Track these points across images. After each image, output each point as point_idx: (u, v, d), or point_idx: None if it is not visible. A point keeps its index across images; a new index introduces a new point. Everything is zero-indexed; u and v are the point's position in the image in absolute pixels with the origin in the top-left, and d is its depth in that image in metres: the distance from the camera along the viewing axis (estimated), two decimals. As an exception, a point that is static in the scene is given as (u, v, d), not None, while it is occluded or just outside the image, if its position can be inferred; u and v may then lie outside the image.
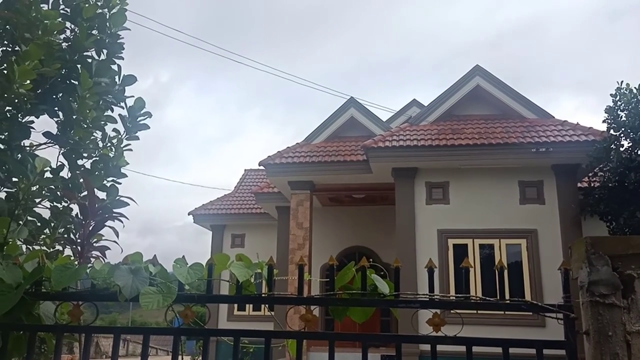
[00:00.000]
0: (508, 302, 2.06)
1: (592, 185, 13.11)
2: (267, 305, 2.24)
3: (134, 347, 28.24)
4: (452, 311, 2.15)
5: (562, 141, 12.23)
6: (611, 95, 11.79)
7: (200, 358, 18.57)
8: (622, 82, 11.76)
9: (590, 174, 12.83)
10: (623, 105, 11.63)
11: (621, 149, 11.53)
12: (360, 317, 2.26)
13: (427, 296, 2.11)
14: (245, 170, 22.43)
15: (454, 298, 2.14)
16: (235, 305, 17.73)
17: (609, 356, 1.91)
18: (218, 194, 20.70)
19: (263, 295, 2.17)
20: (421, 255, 12.42)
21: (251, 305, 16.66)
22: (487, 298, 2.09)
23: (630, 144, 11.46)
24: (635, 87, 11.59)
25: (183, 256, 2.25)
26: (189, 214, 19.06)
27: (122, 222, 2.94)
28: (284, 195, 15.43)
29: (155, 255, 2.27)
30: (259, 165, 14.15)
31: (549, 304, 2.04)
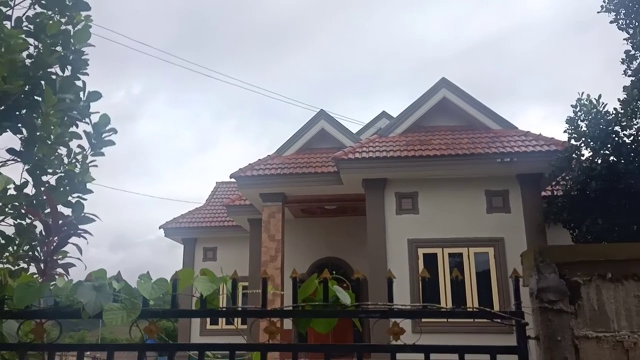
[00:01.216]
0: (462, 309, 2.15)
1: (555, 194, 13.48)
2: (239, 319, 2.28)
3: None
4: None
5: (526, 151, 12.59)
6: (572, 106, 12.18)
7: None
8: (582, 93, 12.18)
9: (553, 183, 13.21)
10: (583, 115, 12.02)
11: (582, 158, 11.92)
12: (323, 328, 2.32)
13: (387, 306, 2.18)
14: (217, 183, 22.33)
15: (412, 307, 2.21)
16: (208, 320, 17.56)
17: (558, 360, 2.01)
18: (191, 207, 20.47)
19: (226, 309, 2.21)
20: (392, 265, 12.55)
21: (223, 320, 16.52)
22: (444, 307, 2.18)
23: (591, 154, 11.85)
24: (594, 98, 12.00)
25: (147, 272, 2.28)
26: (160, 228, 18.86)
27: (86, 238, 2.94)
28: (256, 208, 15.42)
29: (119, 271, 2.28)
30: (230, 178, 14.14)
31: (502, 310, 2.13)
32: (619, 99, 10.66)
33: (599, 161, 11.53)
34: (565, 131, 12.27)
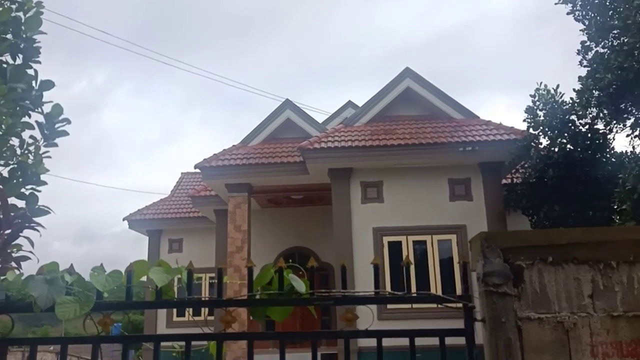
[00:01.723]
0: (414, 295, 2.22)
1: (515, 181, 13.86)
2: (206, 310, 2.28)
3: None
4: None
5: (487, 140, 12.87)
6: (531, 96, 12.51)
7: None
8: (540, 83, 12.51)
9: (513, 171, 13.57)
10: (541, 105, 12.37)
11: (540, 147, 12.27)
12: (279, 316, 2.36)
13: (341, 293, 2.23)
14: (182, 173, 22.04)
15: (366, 294, 2.27)
16: (174, 312, 17.41)
17: (502, 341, 2.10)
18: (157, 198, 20.19)
19: (181, 299, 2.22)
20: (358, 253, 12.70)
21: (191, 311, 16.38)
22: (396, 292, 2.24)
23: (548, 142, 12.22)
24: (552, 88, 12.36)
25: (101, 264, 2.27)
26: (123, 220, 18.53)
27: (39, 231, 2.89)
28: (222, 198, 15.32)
29: (72, 264, 2.27)
30: (195, 169, 13.98)
31: (450, 294, 2.21)
32: (574, 89, 10.99)
33: (556, 149, 11.90)
34: (524, 120, 12.61)
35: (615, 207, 9.25)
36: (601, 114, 10.70)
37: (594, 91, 10.07)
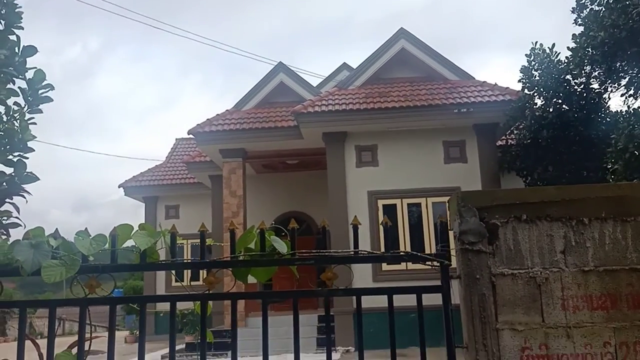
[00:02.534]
0: (393, 253, 2.27)
1: (509, 143, 13.87)
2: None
3: (71, 326, 27.57)
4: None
5: (482, 101, 12.82)
6: (526, 55, 12.39)
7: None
8: (536, 42, 12.38)
9: (507, 133, 13.56)
10: (537, 65, 12.27)
11: (535, 108, 12.23)
12: (262, 277, 2.42)
13: (320, 253, 2.29)
14: (176, 139, 21.98)
15: (345, 253, 2.32)
16: (173, 277, 17.65)
17: (477, 296, 2.17)
18: (153, 165, 20.20)
19: (164, 262, 2.28)
20: (352, 216, 12.78)
21: (189, 276, 16.66)
22: (374, 252, 2.30)
23: (543, 102, 12.18)
24: (548, 48, 12.23)
25: (86, 228, 2.31)
26: (119, 187, 18.59)
27: (25, 197, 2.93)
28: (216, 164, 15.35)
29: (57, 228, 2.31)
30: (188, 134, 13.95)
31: (427, 253, 2.27)
32: (568, 48, 10.88)
33: (551, 110, 11.89)
34: (519, 81, 12.53)
35: (608, 167, 9.29)
36: (595, 73, 10.63)
37: (588, 50, 9.98)
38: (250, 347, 9.74)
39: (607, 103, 12.06)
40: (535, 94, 12.26)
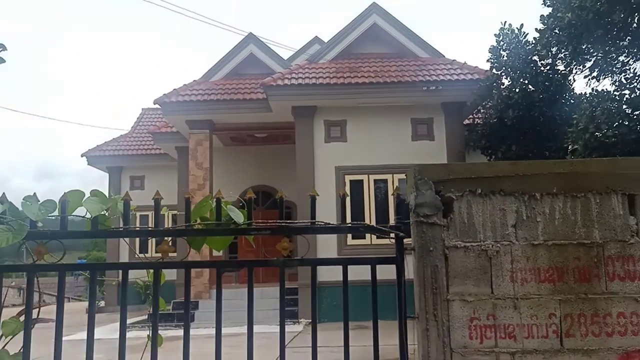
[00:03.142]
0: (349, 225, 2.28)
1: (476, 122, 14.05)
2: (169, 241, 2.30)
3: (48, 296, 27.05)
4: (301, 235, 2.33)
5: (450, 80, 12.91)
6: (495, 35, 12.48)
7: (103, 302, 18.31)
8: (505, 22, 12.46)
9: (474, 112, 13.72)
10: (505, 45, 12.39)
11: (502, 87, 12.39)
12: (218, 246, 2.40)
13: (277, 224, 2.28)
14: (142, 109, 21.48)
15: (302, 224, 2.32)
16: (137, 248, 17.44)
17: (429, 268, 2.20)
18: (119, 134, 19.73)
19: (116, 229, 2.23)
20: (319, 191, 12.67)
21: (153, 247, 16.49)
22: (330, 223, 2.30)
23: (510, 83, 12.34)
24: (517, 28, 12.34)
25: (34, 193, 2.24)
26: (82, 156, 18.12)
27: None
28: (183, 135, 15.10)
29: (3, 192, 2.23)
30: (154, 104, 13.64)
31: (383, 225, 2.28)
32: (536, 29, 11.00)
33: (517, 90, 12.05)
34: (488, 60, 12.64)
35: (569, 147, 9.53)
36: (561, 55, 10.80)
37: (555, 31, 10.10)
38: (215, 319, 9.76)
39: (572, 85, 12.31)
40: (503, 74, 12.41)
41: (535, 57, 11.72)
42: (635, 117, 8.87)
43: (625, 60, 10.84)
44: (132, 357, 2.32)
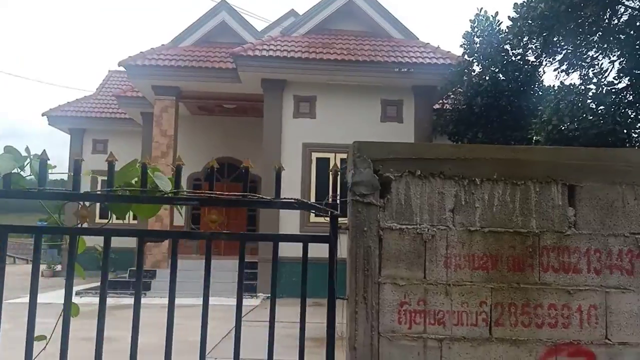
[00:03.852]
0: (282, 200, 2.17)
1: (445, 107, 14.05)
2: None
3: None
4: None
5: (422, 63, 12.81)
6: (470, 20, 12.42)
7: (60, 266, 17.92)
8: (480, 9, 12.40)
9: (444, 96, 13.71)
10: (479, 32, 12.34)
11: (472, 74, 12.38)
12: (145, 214, 2.26)
13: (206, 195, 2.15)
14: (109, 71, 20.78)
15: (231, 197, 2.20)
16: (99, 212, 17.03)
17: (362, 249, 2.12)
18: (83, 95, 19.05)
19: (31, 190, 2.07)
20: (286, 166, 12.53)
21: (113, 216, 16.08)
22: (264, 197, 2.19)
23: (481, 70, 12.34)
24: (491, 15, 12.29)
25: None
26: (42, 115, 17.47)
27: None
28: (149, 101, 14.67)
29: None
30: (119, 66, 13.18)
31: (318, 202, 2.18)
32: (509, 17, 10.95)
33: (487, 78, 12.06)
34: (461, 46, 12.59)
35: (532, 137, 9.60)
36: (532, 45, 10.81)
37: (527, 21, 10.08)
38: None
39: (541, 77, 12.39)
40: (475, 61, 12.39)
41: (507, 46, 11.71)
42: (599, 112, 8.97)
43: (595, 55, 10.94)
44: (81, 323, 2.20)
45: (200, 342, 2.12)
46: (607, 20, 9.94)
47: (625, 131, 8.50)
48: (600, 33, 10.12)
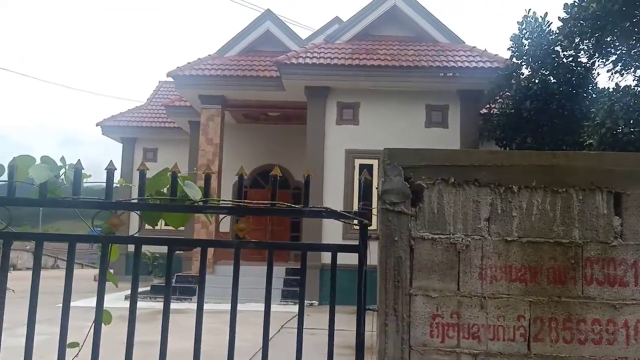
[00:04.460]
0: (311, 209, 2.13)
1: (492, 111, 13.69)
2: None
3: (45, 261, 27.63)
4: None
5: (469, 67, 12.57)
6: (518, 22, 12.06)
7: (112, 271, 18.47)
8: (529, 10, 12.03)
9: (491, 101, 13.36)
10: (528, 33, 11.97)
11: (521, 77, 12.00)
12: (176, 223, 2.28)
13: (234, 203, 2.14)
14: (159, 82, 21.44)
15: (261, 205, 2.18)
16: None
17: (393, 259, 2.05)
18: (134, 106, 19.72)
19: (66, 199, 2.11)
20: (328, 173, 12.73)
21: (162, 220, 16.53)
22: (293, 205, 2.16)
23: (530, 73, 11.95)
24: (540, 16, 11.90)
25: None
26: (97, 125, 18.19)
27: None
28: (196, 110, 15.02)
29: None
30: (167, 76, 13.56)
31: (347, 211, 2.13)
32: (559, 18, 10.57)
33: (537, 81, 11.65)
34: (509, 49, 12.25)
35: (585, 141, 9.20)
36: (584, 46, 10.38)
37: (579, 21, 9.70)
38: (217, 294, 9.74)
39: (595, 79, 11.87)
40: (523, 64, 12.01)
41: (558, 48, 11.30)
42: (656, 114, 8.51)
43: (652, 55, 10.39)
44: (124, 327, 2.25)
45: (228, 354, 2.11)
46: (665, 18, 9.43)
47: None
48: (657, 32, 9.61)
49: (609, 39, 9.83)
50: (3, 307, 2.06)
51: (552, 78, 11.65)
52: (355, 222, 2.12)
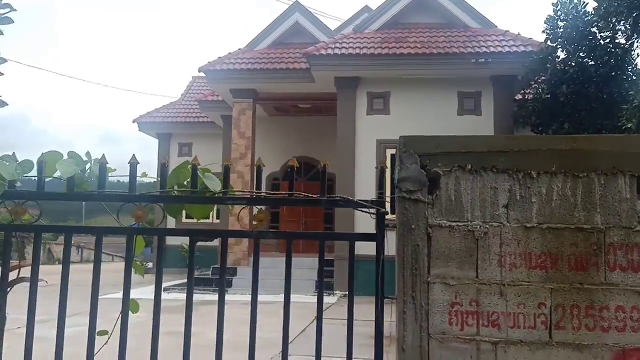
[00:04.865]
0: (327, 198, 2.15)
1: (527, 97, 13.35)
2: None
3: (89, 254, 28.57)
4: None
5: (502, 52, 12.29)
6: (553, 4, 11.72)
7: (151, 264, 19.00)
8: (565, -10, 11.65)
9: (526, 86, 13.04)
10: (563, 15, 11.62)
11: (557, 61, 11.66)
12: (198, 214, 2.33)
13: (254, 193, 2.18)
14: (193, 77, 21.76)
15: (278, 196, 2.21)
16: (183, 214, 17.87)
17: (410, 247, 2.05)
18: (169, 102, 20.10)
19: (92, 192, 2.19)
20: (360, 164, 12.70)
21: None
22: (310, 195, 2.18)
23: (566, 56, 11.60)
24: (576, -3, 11.52)
25: (13, 153, 2.23)
26: (133, 122, 18.64)
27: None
28: (228, 104, 15.20)
29: (-17, 152, 2.23)
30: (199, 72, 13.75)
31: (364, 200, 2.14)
32: (595, -2, 10.21)
33: (573, 64, 11.31)
34: (543, 32, 11.91)
35: (624, 125, 8.89)
36: (621, 27, 10.00)
37: (615, 1, 9.34)
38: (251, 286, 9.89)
39: (635, 60, 11.43)
40: (559, 47, 11.67)
41: (594, 29, 10.92)
42: (701, 95, 8.14)
43: (696, 34, 9.93)
44: (167, 318, 2.33)
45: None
46: None
47: None
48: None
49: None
50: (36, 296, 2.16)
51: (589, 61, 11.29)
52: (373, 211, 2.13)
